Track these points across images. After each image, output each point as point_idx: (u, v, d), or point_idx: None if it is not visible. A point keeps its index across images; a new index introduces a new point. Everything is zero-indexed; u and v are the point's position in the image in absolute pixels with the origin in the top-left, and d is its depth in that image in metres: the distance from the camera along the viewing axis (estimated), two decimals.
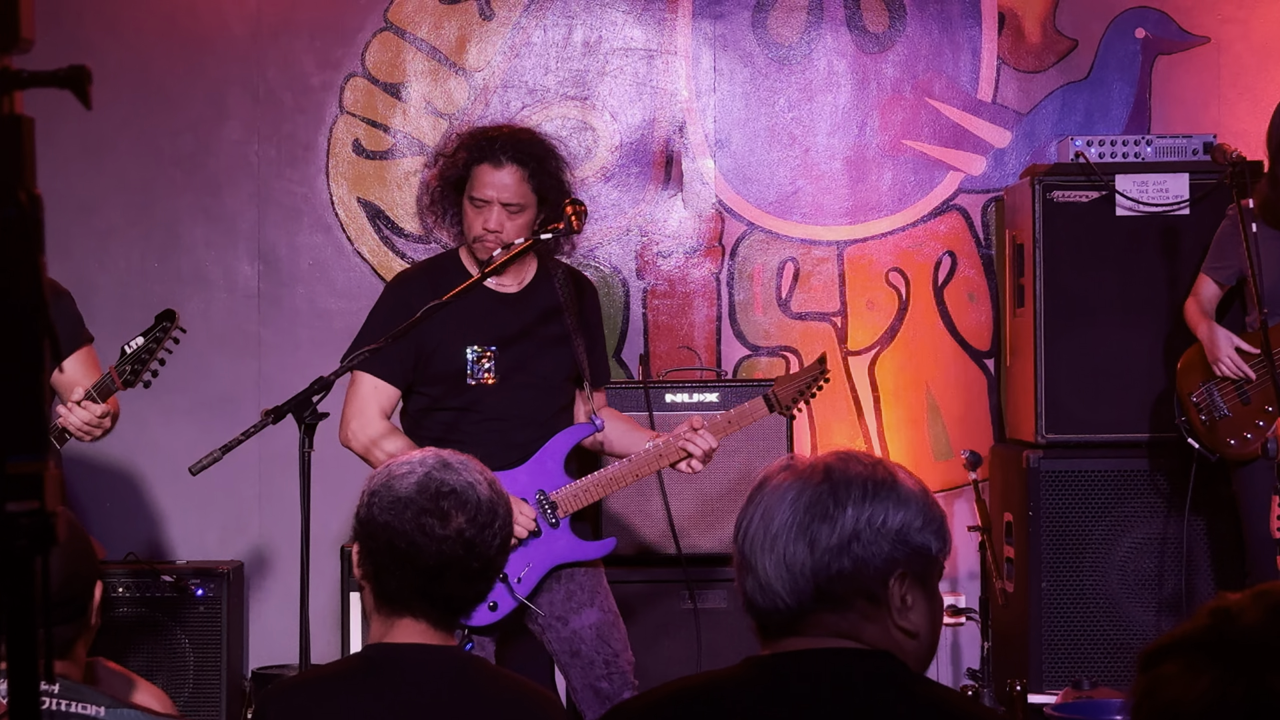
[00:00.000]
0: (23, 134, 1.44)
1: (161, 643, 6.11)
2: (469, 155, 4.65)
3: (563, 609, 4.69)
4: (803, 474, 2.26)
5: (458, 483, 2.88)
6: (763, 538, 2.21)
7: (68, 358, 4.77)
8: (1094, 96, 6.72)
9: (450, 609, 2.90)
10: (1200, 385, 5.57)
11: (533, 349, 4.72)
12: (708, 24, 6.73)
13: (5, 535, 1.44)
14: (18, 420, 1.44)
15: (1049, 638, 5.98)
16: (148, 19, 6.68)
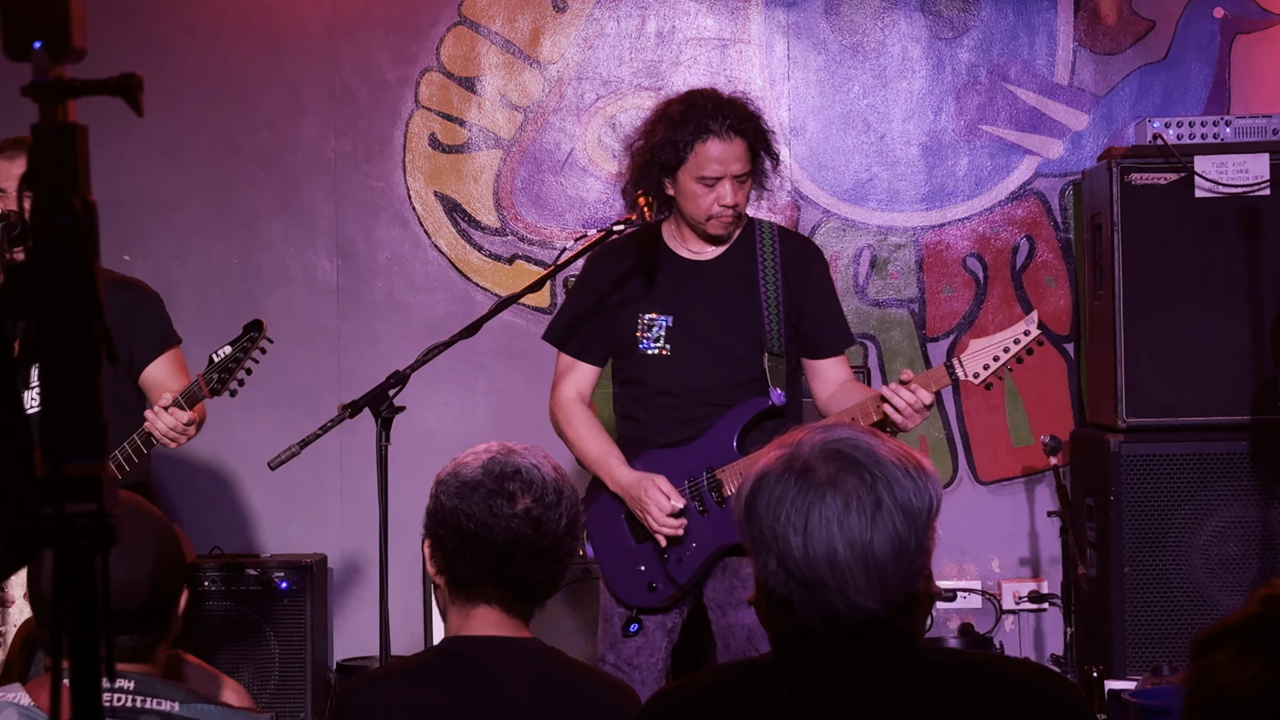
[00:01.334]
0: (76, 142, 1.46)
1: (247, 636, 6.16)
2: (690, 134, 4.45)
3: (724, 599, 4.56)
4: (842, 465, 2.23)
5: (522, 464, 2.90)
6: (843, 546, 2.19)
7: (156, 360, 4.82)
8: (1172, 77, 6.66)
9: (522, 593, 2.91)
10: None
11: (717, 318, 4.57)
12: (781, 12, 6.72)
13: (65, 536, 1.46)
14: (75, 423, 1.46)
15: (1131, 623, 5.94)
16: (224, 18, 6.74)
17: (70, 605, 1.47)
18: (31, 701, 2.72)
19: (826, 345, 4.67)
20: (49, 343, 1.46)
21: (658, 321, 4.57)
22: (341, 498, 6.68)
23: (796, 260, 4.64)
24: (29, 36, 1.45)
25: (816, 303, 4.65)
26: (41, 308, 1.46)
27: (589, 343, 4.68)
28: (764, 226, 4.67)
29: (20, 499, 1.46)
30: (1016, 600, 6.52)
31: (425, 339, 4.70)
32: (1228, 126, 6.09)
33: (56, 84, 1.46)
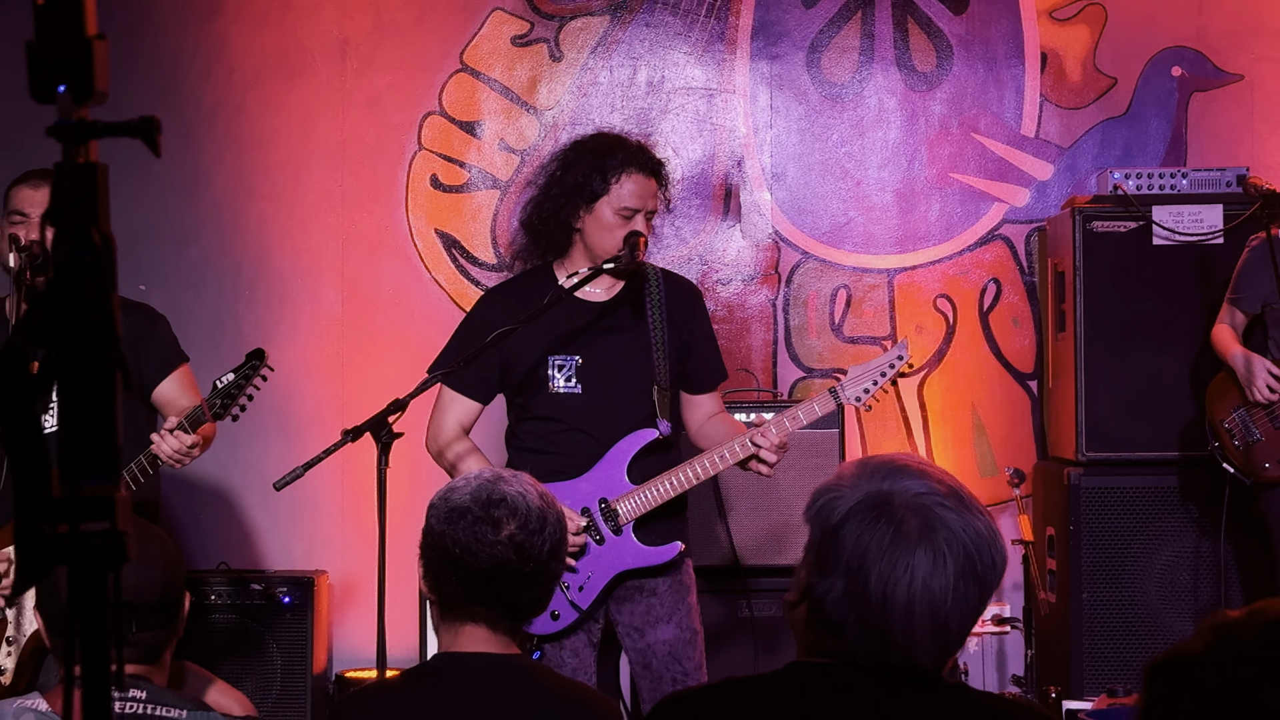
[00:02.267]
0: (97, 180, 1.47)
1: (251, 647, 6.14)
2: (616, 167, 4.49)
3: (641, 621, 4.55)
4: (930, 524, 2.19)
5: (509, 492, 2.91)
6: (922, 608, 2.16)
7: (165, 378, 4.82)
8: (1132, 131, 6.69)
9: (506, 613, 2.92)
10: (1232, 411, 5.52)
11: (617, 356, 4.56)
12: (764, 64, 6.74)
13: (80, 553, 1.46)
14: (92, 447, 1.47)
15: (1089, 646, 5.95)
16: (239, 64, 6.74)
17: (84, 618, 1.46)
18: (49, 708, 2.73)
19: (707, 381, 4.72)
20: (67, 369, 1.46)
21: (568, 361, 4.56)
22: (342, 517, 6.67)
23: (681, 300, 4.66)
24: (54, 80, 1.46)
25: (700, 341, 4.69)
26: (60, 336, 1.46)
27: (480, 381, 4.63)
28: (649, 270, 4.67)
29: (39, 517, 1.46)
30: (981, 624, 6.50)
31: (424, 368, 4.69)
32: (1184, 179, 6.11)
33: (79, 125, 1.46)
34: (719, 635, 5.75)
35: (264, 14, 6.76)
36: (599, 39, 6.76)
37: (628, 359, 4.57)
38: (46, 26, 1.45)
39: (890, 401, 6.62)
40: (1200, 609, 5.91)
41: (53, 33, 1.45)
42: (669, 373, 4.58)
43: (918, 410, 6.71)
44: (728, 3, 6.74)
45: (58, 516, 1.46)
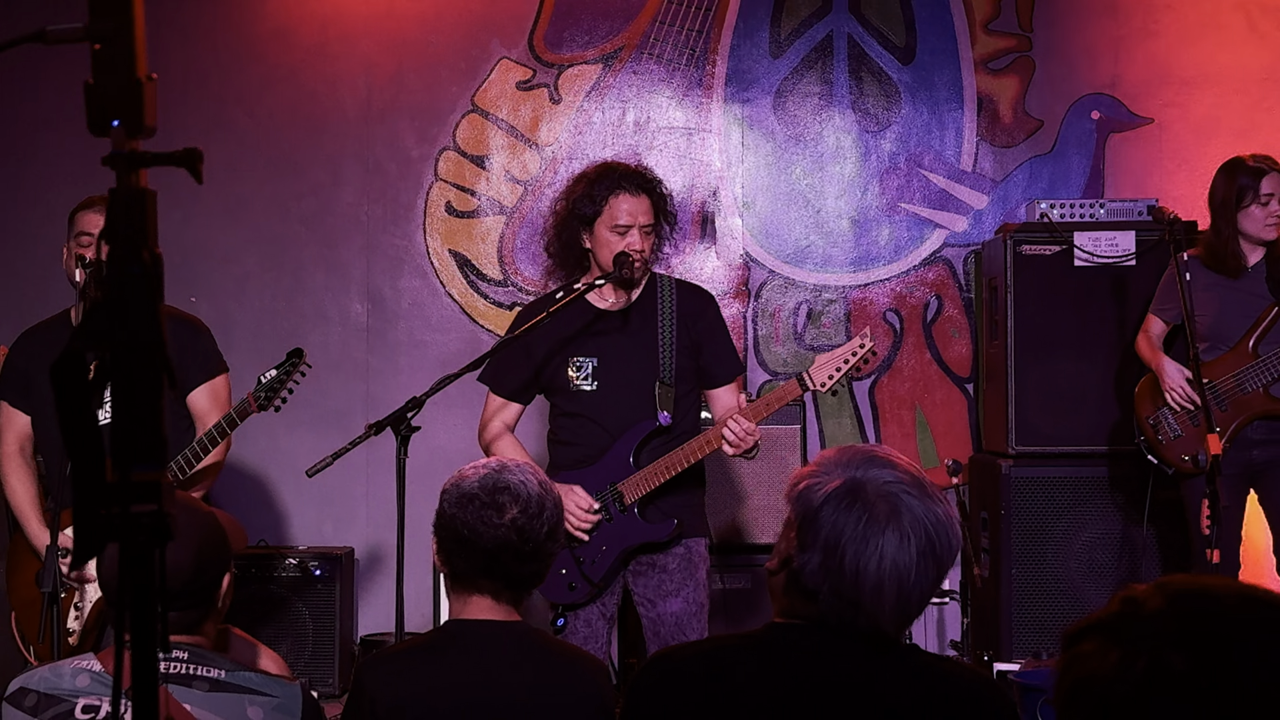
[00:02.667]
0: (146, 205, 1.46)
1: (286, 614, 6.14)
2: (606, 189, 4.47)
3: (653, 594, 4.51)
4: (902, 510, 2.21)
5: (512, 481, 2.92)
6: (891, 582, 2.18)
7: (202, 385, 4.76)
8: (1057, 167, 6.69)
9: (509, 585, 2.92)
10: (1155, 410, 5.51)
11: (627, 357, 4.53)
12: (737, 107, 6.74)
13: (129, 532, 1.45)
14: (141, 437, 1.46)
15: (1017, 616, 5.94)
16: (277, 102, 6.73)
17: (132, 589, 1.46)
18: (102, 668, 2.70)
19: (719, 376, 4.64)
20: (119, 370, 1.45)
21: (586, 362, 4.54)
22: (367, 501, 6.65)
23: (691, 304, 4.60)
24: (109, 116, 1.45)
25: (709, 338, 4.61)
26: (114, 340, 1.45)
27: (514, 383, 4.64)
28: (664, 280, 4.63)
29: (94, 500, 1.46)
30: None
31: (439, 371, 4.69)
32: (1102, 208, 6.11)
33: (131, 155, 1.45)
34: None
35: (301, 61, 6.74)
36: (593, 84, 6.75)
37: (637, 359, 4.53)
38: (102, 68, 1.44)
39: (845, 401, 6.63)
40: (1115, 583, 5.90)
41: (107, 73, 1.44)
42: (674, 370, 4.52)
43: (869, 410, 6.70)
44: (705, 53, 6.73)
45: (110, 499, 1.45)
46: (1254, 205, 5.34)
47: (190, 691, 2.66)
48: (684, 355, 4.55)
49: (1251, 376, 5.30)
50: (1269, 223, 5.34)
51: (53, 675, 2.71)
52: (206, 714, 2.65)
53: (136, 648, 1.45)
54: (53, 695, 2.67)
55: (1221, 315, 5.37)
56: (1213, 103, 6.66)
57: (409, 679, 2.85)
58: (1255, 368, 5.30)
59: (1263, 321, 5.32)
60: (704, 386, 4.65)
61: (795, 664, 2.23)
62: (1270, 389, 5.30)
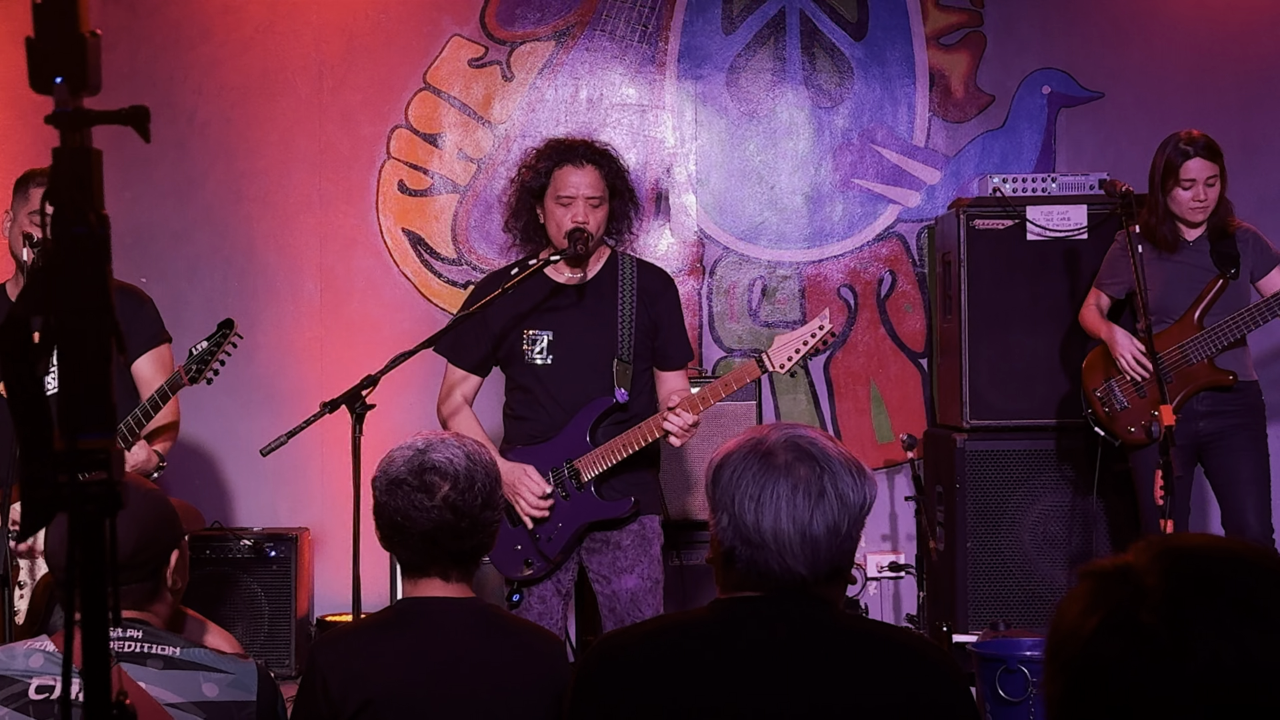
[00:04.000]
0: (92, 164, 1.41)
1: (241, 595, 6.09)
2: (551, 162, 4.46)
3: (608, 570, 4.48)
4: (799, 456, 2.25)
5: (439, 459, 2.86)
6: (786, 520, 2.21)
7: (146, 354, 4.68)
8: (1009, 142, 6.69)
9: (456, 563, 2.89)
10: (1103, 382, 5.52)
11: (585, 332, 4.49)
12: (690, 84, 6.70)
13: (78, 501, 1.40)
14: (89, 404, 1.41)
15: (973, 588, 5.94)
16: (228, 81, 6.65)
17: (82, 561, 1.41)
18: (55, 648, 2.66)
19: (672, 358, 4.62)
20: (65, 334, 1.41)
21: (541, 335, 4.51)
22: (321, 480, 6.59)
23: (650, 285, 4.58)
24: (52, 72, 1.40)
25: (667, 320, 4.59)
26: (60, 304, 1.40)
27: (471, 354, 4.59)
28: (625, 259, 4.61)
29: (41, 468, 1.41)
30: (879, 569, 6.51)
31: (393, 350, 4.61)
32: (1054, 183, 6.11)
33: (75, 114, 1.41)
34: None
35: (249, 39, 6.66)
36: (545, 61, 6.70)
37: (594, 334, 4.50)
38: (44, 24, 1.39)
39: (800, 377, 6.62)
40: (1068, 555, 5.93)
41: (50, 30, 1.39)
42: (632, 347, 4.50)
43: (824, 385, 6.70)
44: (658, 30, 6.69)
45: (59, 467, 1.40)
46: (1176, 188, 5.34)
47: (144, 670, 2.62)
48: (642, 334, 4.53)
49: (1196, 348, 5.31)
50: (1192, 206, 5.33)
51: (5, 657, 2.68)
52: (161, 691, 2.62)
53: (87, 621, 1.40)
54: (6, 676, 2.64)
55: (1166, 288, 5.38)
56: (1162, 78, 6.67)
57: (362, 656, 2.81)
58: (1200, 339, 5.31)
59: (1208, 294, 5.33)
60: (656, 367, 4.63)
61: (737, 637, 2.24)
62: (1215, 360, 5.32)
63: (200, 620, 3.24)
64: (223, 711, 2.66)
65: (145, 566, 2.72)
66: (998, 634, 5.26)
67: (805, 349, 4.39)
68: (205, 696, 2.65)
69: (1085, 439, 5.70)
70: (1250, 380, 5.41)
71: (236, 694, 2.69)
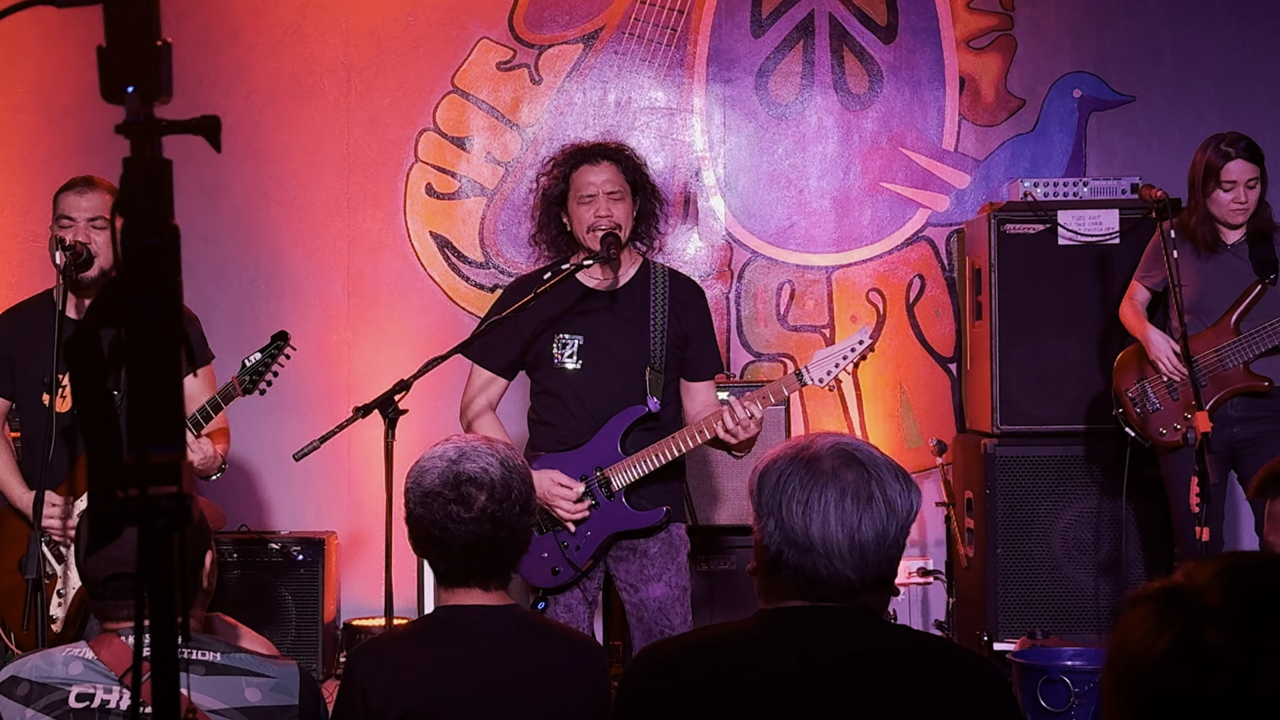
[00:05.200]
0: (163, 174, 1.40)
1: (269, 599, 6.08)
2: (567, 166, 4.47)
3: (636, 579, 4.45)
4: (846, 461, 2.26)
5: (474, 469, 2.81)
6: (835, 525, 2.21)
7: (189, 375, 4.70)
8: (1039, 146, 6.66)
9: (495, 572, 2.85)
10: (1135, 382, 5.49)
11: (616, 339, 4.46)
12: (719, 87, 6.68)
13: (148, 515, 1.39)
14: (159, 417, 1.40)
15: (1003, 595, 5.91)
16: (257, 84, 6.65)
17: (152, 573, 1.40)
18: (95, 655, 2.65)
19: (702, 370, 4.58)
20: (136, 347, 1.39)
21: (571, 340, 4.48)
22: (349, 485, 6.59)
23: (683, 295, 4.56)
24: (124, 82, 1.38)
25: (699, 332, 4.56)
26: (130, 316, 1.39)
27: (501, 358, 4.56)
28: (658, 268, 4.58)
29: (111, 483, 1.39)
30: (908, 575, 6.48)
31: (420, 354, 4.61)
32: (1085, 187, 6.08)
33: (147, 123, 1.39)
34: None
35: (278, 42, 6.66)
36: (574, 65, 6.68)
37: (626, 341, 4.47)
38: (117, 32, 1.37)
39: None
40: (1100, 562, 5.90)
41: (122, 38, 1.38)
42: (664, 357, 4.47)
43: (853, 390, 6.67)
44: (686, 33, 6.68)
45: (128, 481, 1.39)
46: (1218, 190, 5.33)
47: (187, 676, 2.60)
48: (673, 344, 4.50)
49: (1233, 353, 5.29)
50: (1233, 208, 5.33)
51: (44, 663, 2.66)
52: (204, 698, 2.61)
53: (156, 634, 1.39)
54: (45, 684, 2.63)
55: (1204, 289, 5.35)
56: (1194, 81, 6.63)
57: (402, 665, 2.78)
58: (1237, 344, 5.28)
59: (1246, 298, 5.31)
60: (684, 378, 4.59)
61: (784, 648, 2.22)
62: (1251, 366, 5.29)
63: (232, 624, 3.24)
64: (266, 716, 2.65)
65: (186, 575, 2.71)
66: (1037, 643, 5.23)
67: (845, 363, 4.38)
68: (248, 701, 2.64)
69: (1116, 445, 5.67)
70: None
71: (279, 698, 2.68)
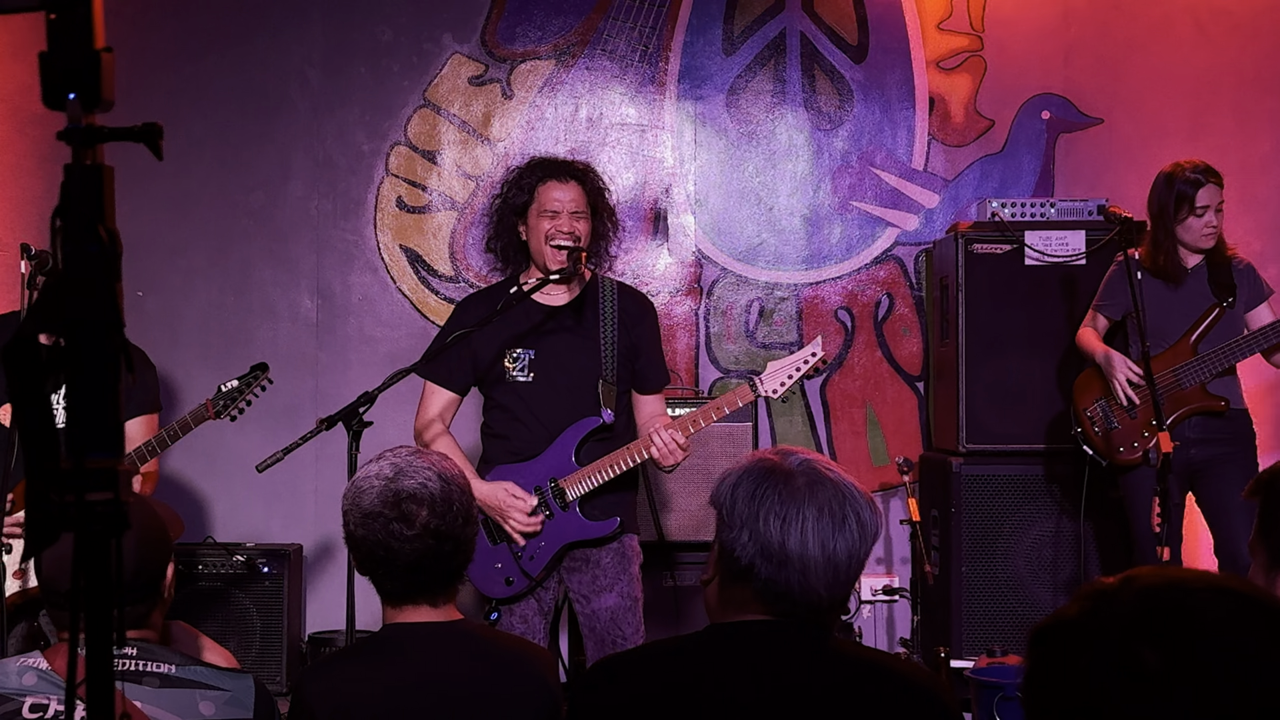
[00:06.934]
0: (104, 180, 1.39)
1: (234, 611, 6.07)
2: (534, 178, 4.50)
3: (588, 589, 4.50)
4: (817, 480, 2.27)
5: (412, 485, 2.78)
6: (814, 542, 2.22)
7: (135, 419, 4.79)
8: (1007, 166, 6.69)
9: (440, 587, 2.82)
10: (1095, 402, 5.52)
11: (567, 352, 4.51)
12: (690, 104, 6.70)
13: (84, 521, 1.39)
14: (97, 423, 1.40)
15: (968, 613, 5.93)
16: (226, 96, 6.65)
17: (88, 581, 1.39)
18: (49, 666, 2.63)
19: (651, 382, 4.65)
20: (75, 352, 1.39)
21: (523, 355, 4.51)
22: (315, 497, 6.57)
23: (632, 308, 4.61)
24: (65, 89, 1.38)
25: (647, 345, 4.62)
26: (69, 322, 1.38)
27: (453, 374, 4.59)
28: (606, 282, 4.63)
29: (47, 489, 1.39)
30: (873, 592, 6.49)
31: (389, 367, 4.63)
32: (1052, 208, 6.11)
33: (88, 130, 1.39)
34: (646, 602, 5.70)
35: (247, 54, 6.66)
36: (545, 80, 6.69)
37: (577, 355, 4.52)
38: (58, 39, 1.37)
39: (796, 400, 6.61)
40: (1064, 580, 5.92)
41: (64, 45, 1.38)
42: (616, 369, 4.53)
43: (820, 407, 6.69)
44: (658, 50, 6.69)
45: (65, 487, 1.38)
46: (1190, 217, 5.37)
47: (141, 689, 2.59)
48: (623, 356, 4.56)
49: (1190, 373, 5.33)
50: (1205, 233, 5.38)
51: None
52: (158, 711, 2.59)
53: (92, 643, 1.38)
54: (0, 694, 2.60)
55: (1162, 313, 5.40)
56: (1161, 104, 6.68)
57: (351, 685, 2.75)
58: (1194, 364, 5.33)
59: (1204, 321, 5.36)
60: (635, 390, 4.65)
61: (735, 662, 2.23)
62: (1208, 386, 5.34)
63: (192, 633, 3.21)
64: None
65: (147, 585, 2.70)
66: (995, 660, 5.24)
67: (797, 375, 4.47)
68: (202, 715, 2.62)
69: (1083, 464, 5.69)
70: (1241, 409, 5.44)
71: (233, 711, 2.66)
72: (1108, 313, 5.61)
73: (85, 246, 1.37)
